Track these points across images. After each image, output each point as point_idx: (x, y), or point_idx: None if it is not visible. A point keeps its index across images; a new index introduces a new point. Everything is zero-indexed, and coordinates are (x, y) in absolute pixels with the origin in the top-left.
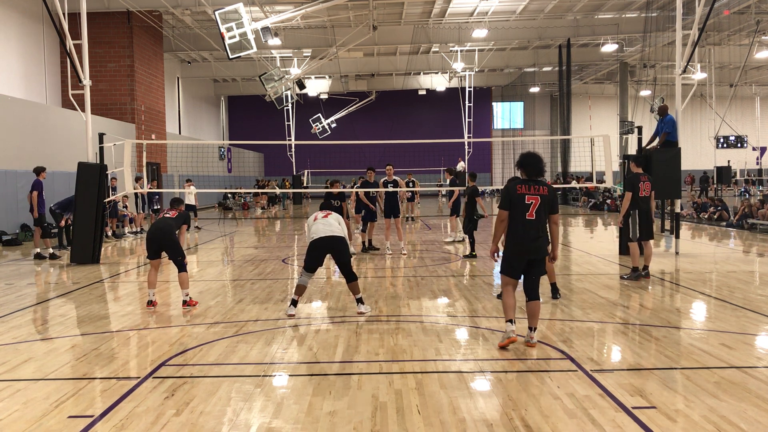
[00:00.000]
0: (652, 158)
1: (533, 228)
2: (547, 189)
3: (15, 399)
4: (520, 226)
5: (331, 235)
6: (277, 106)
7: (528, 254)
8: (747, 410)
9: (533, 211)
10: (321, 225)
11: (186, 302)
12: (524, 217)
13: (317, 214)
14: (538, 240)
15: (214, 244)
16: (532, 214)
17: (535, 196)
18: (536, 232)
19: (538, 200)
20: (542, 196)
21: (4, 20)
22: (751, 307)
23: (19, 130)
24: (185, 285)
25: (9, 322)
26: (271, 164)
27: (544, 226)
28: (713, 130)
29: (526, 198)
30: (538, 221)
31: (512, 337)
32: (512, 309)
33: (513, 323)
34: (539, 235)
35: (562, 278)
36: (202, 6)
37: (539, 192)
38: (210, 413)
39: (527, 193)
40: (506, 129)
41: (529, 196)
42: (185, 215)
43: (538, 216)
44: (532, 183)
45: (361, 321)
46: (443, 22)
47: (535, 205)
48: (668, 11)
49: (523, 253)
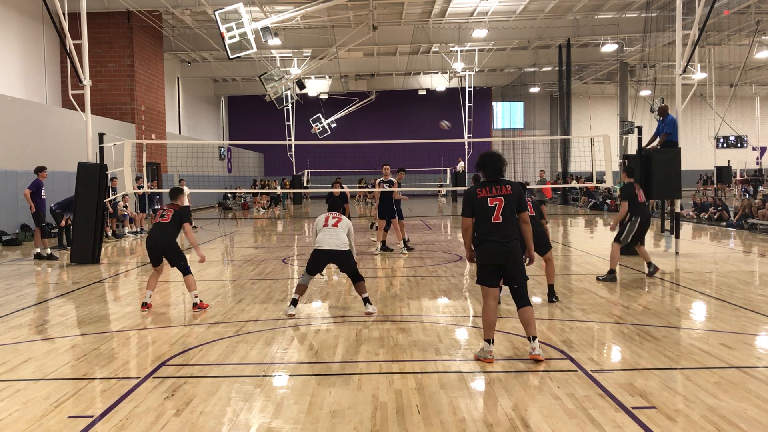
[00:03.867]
0: (652, 158)
1: (501, 232)
2: (510, 187)
3: (15, 399)
4: (487, 232)
5: (336, 250)
6: (277, 106)
7: (498, 260)
8: (747, 410)
9: (498, 213)
10: (328, 236)
11: (196, 305)
12: (490, 221)
13: (327, 217)
14: (508, 244)
15: (214, 244)
16: (498, 217)
17: (498, 197)
18: (505, 236)
19: (502, 201)
20: (506, 196)
21: (4, 20)
22: (751, 307)
23: (19, 130)
24: (192, 287)
25: (9, 322)
26: (271, 164)
27: (514, 228)
28: (713, 130)
29: (488, 201)
30: (506, 223)
31: (488, 358)
32: (491, 328)
33: (491, 343)
34: (509, 239)
35: (561, 278)
36: (202, 6)
37: (502, 192)
38: (210, 413)
39: (489, 195)
40: (506, 129)
41: (492, 198)
42: (183, 212)
43: (505, 218)
44: (494, 184)
45: (369, 321)
46: (443, 22)
47: (499, 207)
48: (668, 11)
49: (492, 259)
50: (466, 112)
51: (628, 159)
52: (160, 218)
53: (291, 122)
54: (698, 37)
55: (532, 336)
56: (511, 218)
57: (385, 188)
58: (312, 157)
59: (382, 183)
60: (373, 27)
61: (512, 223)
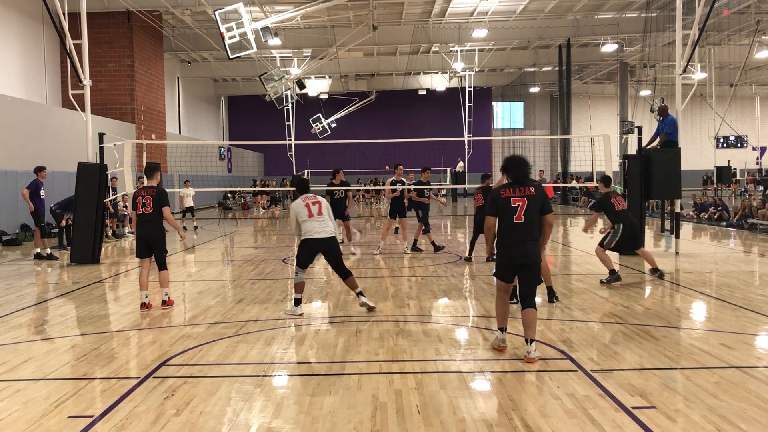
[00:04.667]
0: (652, 158)
1: (522, 231)
2: (534, 189)
3: (15, 399)
4: (508, 231)
5: (327, 237)
6: (277, 106)
7: (516, 260)
8: (747, 410)
9: (521, 213)
10: (317, 224)
11: (165, 302)
12: (512, 220)
13: (308, 204)
14: (527, 244)
15: (214, 244)
16: (520, 217)
17: (521, 198)
18: (525, 236)
19: (525, 202)
20: (529, 197)
21: (4, 20)
22: (751, 307)
23: (19, 130)
24: (165, 284)
25: (9, 322)
26: (271, 164)
27: (535, 228)
28: (713, 130)
29: (512, 201)
30: (528, 223)
31: (501, 346)
32: (503, 318)
33: (504, 332)
34: (528, 239)
35: (561, 278)
36: (202, 6)
37: (525, 193)
38: (210, 413)
39: (513, 195)
40: (506, 129)
41: (515, 198)
42: (161, 196)
43: (527, 218)
44: (518, 185)
45: (369, 321)
46: (443, 22)
47: (522, 207)
48: (668, 11)
49: (512, 261)
50: (466, 112)
51: (628, 159)
52: (142, 208)
53: (291, 122)
54: (698, 37)
55: (530, 339)
56: (534, 219)
57: (397, 187)
58: (312, 157)
59: (395, 183)
60: (373, 27)
61: (534, 224)
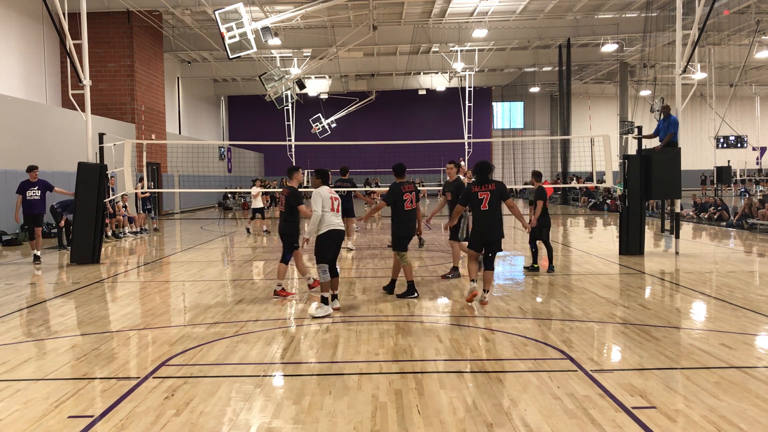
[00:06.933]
0: (652, 158)
1: (488, 216)
2: (495, 185)
3: (15, 399)
4: (478, 215)
5: (343, 230)
6: (277, 106)
7: (484, 236)
8: (747, 410)
9: (486, 202)
10: (334, 218)
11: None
12: (479, 208)
13: (332, 197)
14: (492, 225)
15: (214, 244)
16: (485, 205)
17: (485, 192)
18: (490, 219)
19: (488, 195)
20: (491, 191)
21: (4, 20)
22: (751, 307)
23: (19, 130)
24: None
25: (9, 322)
26: (271, 164)
27: (497, 213)
28: (713, 130)
29: (478, 194)
30: (492, 210)
31: (474, 290)
32: (474, 272)
33: (475, 282)
34: (493, 221)
35: (562, 278)
36: (202, 6)
37: (488, 188)
38: (210, 413)
39: (479, 190)
40: (506, 129)
41: (481, 192)
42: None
43: (490, 206)
44: (483, 182)
45: (369, 321)
46: (443, 22)
47: (486, 198)
48: (668, 11)
49: (481, 234)
50: (466, 112)
51: (628, 159)
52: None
53: (291, 122)
54: (698, 37)
55: (486, 289)
56: (496, 206)
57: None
58: (312, 157)
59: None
60: (373, 27)
61: (497, 210)
